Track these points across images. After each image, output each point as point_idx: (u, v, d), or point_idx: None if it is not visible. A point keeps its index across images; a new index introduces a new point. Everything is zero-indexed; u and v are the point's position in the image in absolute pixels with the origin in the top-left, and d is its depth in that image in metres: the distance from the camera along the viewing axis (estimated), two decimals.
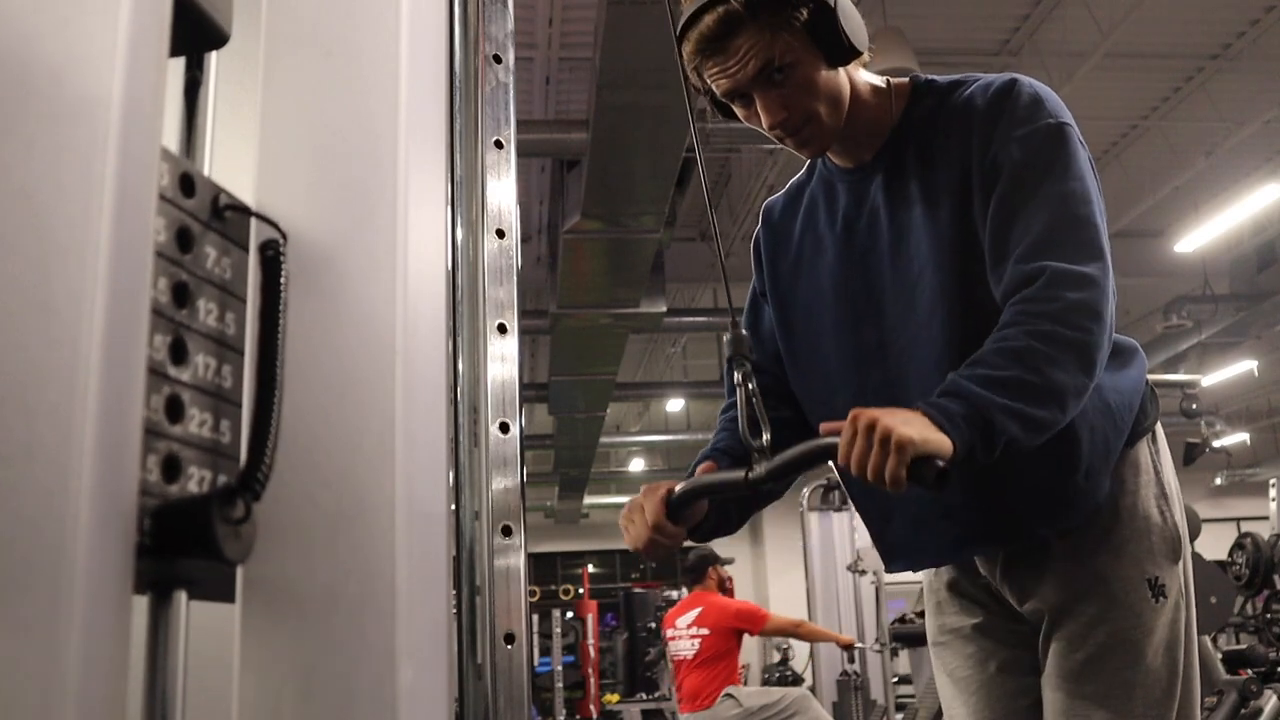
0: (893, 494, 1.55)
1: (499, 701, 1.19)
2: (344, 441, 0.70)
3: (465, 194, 1.33)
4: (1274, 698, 4.55)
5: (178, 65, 0.69)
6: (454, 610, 1.20)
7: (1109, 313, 1.36)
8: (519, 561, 1.24)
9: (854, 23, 1.46)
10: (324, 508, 0.68)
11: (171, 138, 0.67)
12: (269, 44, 0.76)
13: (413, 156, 0.75)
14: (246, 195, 0.73)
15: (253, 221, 0.69)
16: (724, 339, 1.44)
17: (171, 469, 0.59)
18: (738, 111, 1.52)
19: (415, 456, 0.72)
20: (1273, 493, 6.53)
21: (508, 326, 1.30)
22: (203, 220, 0.64)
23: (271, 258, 0.67)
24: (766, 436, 1.38)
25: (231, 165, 0.74)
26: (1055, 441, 1.44)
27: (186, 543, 0.57)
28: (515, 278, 1.32)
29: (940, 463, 1.21)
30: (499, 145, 1.34)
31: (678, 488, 1.44)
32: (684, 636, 6.09)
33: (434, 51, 0.84)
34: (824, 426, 1.32)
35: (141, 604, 0.59)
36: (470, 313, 1.30)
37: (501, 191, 1.33)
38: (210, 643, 0.67)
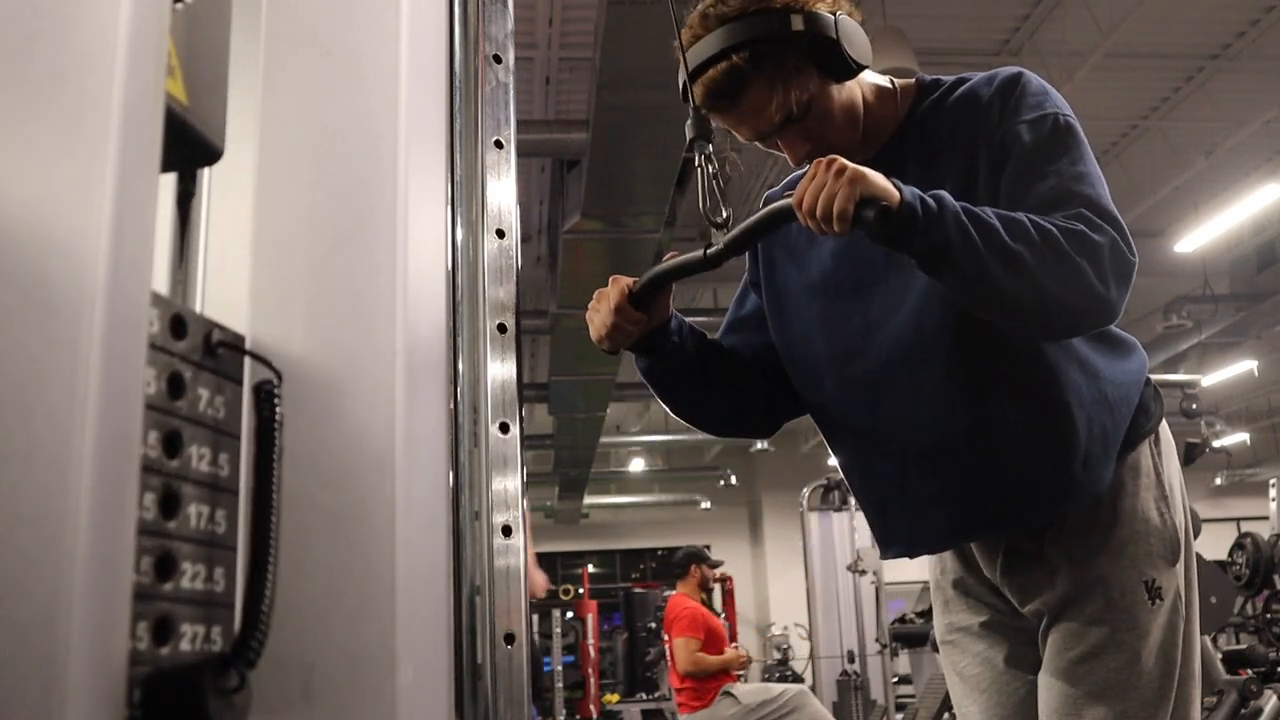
0: (885, 493, 1.56)
1: (499, 701, 1.19)
2: (344, 441, 0.69)
3: (465, 194, 1.32)
4: (1274, 698, 4.55)
5: None
6: (454, 610, 1.20)
7: (1109, 276, 1.33)
8: (519, 561, 1.24)
9: (856, 40, 1.46)
10: (324, 508, 0.68)
11: (162, 233, 0.66)
12: (269, 44, 0.76)
13: (413, 156, 0.75)
14: (246, 201, 0.73)
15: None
16: (686, 125, 1.45)
17: (163, 630, 0.57)
18: (760, 145, 1.54)
19: (415, 456, 0.72)
20: (1273, 493, 6.53)
21: (508, 326, 1.30)
22: (194, 361, 0.62)
23: (265, 399, 0.65)
24: (726, 213, 1.40)
25: (231, 167, 0.73)
26: (1051, 427, 1.44)
27: (177, 716, 0.55)
28: (515, 278, 1.32)
29: (884, 203, 1.25)
30: (499, 145, 1.34)
31: (639, 282, 1.49)
32: (666, 642, 6.11)
33: (434, 51, 0.84)
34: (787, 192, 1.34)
35: None
36: (470, 313, 1.30)
37: (501, 191, 1.33)
38: None
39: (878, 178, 1.26)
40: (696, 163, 1.43)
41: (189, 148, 0.65)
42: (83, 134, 0.51)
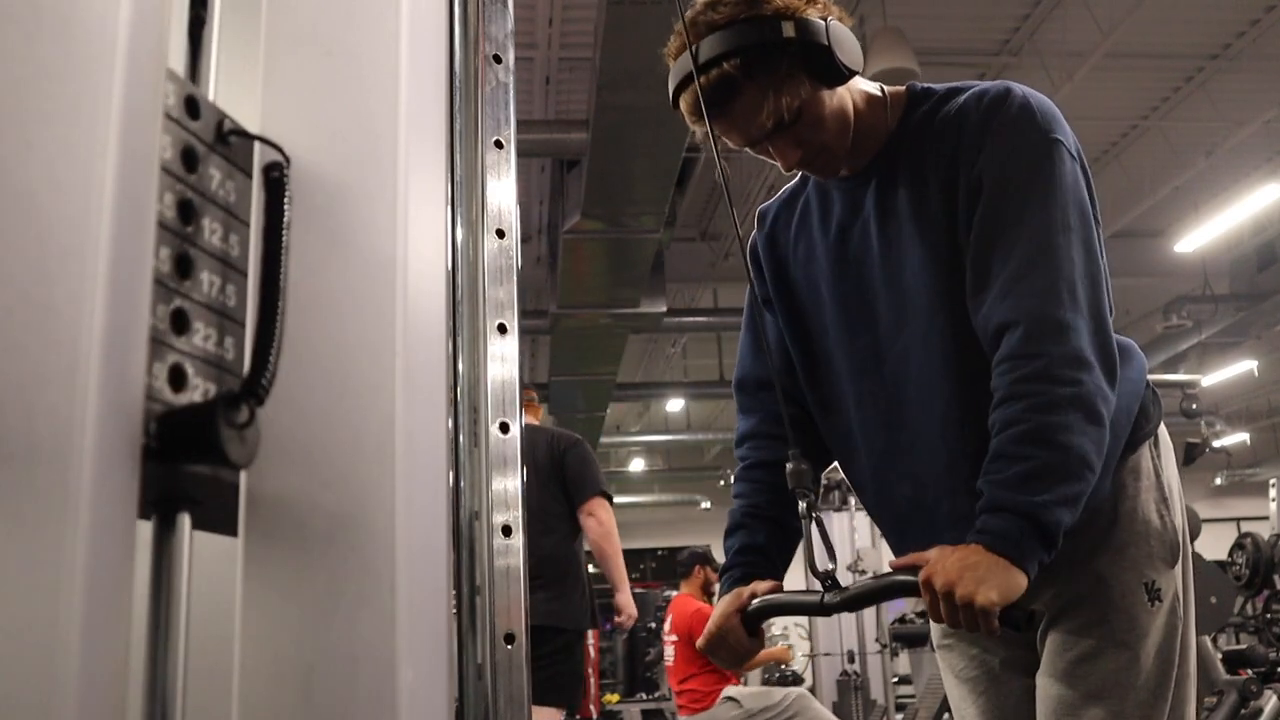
0: (902, 513, 1.57)
1: (499, 701, 1.19)
2: (344, 441, 0.70)
3: (465, 194, 1.32)
4: (1274, 698, 4.55)
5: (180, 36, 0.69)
6: (454, 610, 1.20)
7: (1090, 352, 1.35)
8: (519, 561, 1.24)
9: (847, 45, 1.45)
10: (324, 508, 0.68)
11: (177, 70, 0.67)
12: (269, 44, 0.76)
13: (413, 156, 0.75)
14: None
15: (256, 150, 0.70)
16: (787, 470, 1.46)
17: (177, 379, 0.60)
18: (750, 151, 1.53)
19: (415, 456, 0.72)
20: (1273, 493, 6.53)
21: (508, 326, 1.30)
22: (207, 142, 0.65)
23: (276, 179, 0.67)
24: (832, 566, 1.44)
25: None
26: None
27: (192, 446, 0.57)
28: (515, 278, 1.32)
29: (1030, 610, 1.27)
30: (499, 145, 1.34)
31: (753, 606, 1.50)
32: (668, 643, 6.11)
33: (434, 51, 0.84)
34: (894, 562, 1.40)
35: (144, 542, 0.59)
36: (470, 313, 1.29)
37: (501, 191, 1.33)
38: (211, 645, 0.67)
39: (999, 583, 1.27)
40: (801, 512, 1.46)
41: None
42: None
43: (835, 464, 1.70)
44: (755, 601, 1.49)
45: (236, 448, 0.59)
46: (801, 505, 1.45)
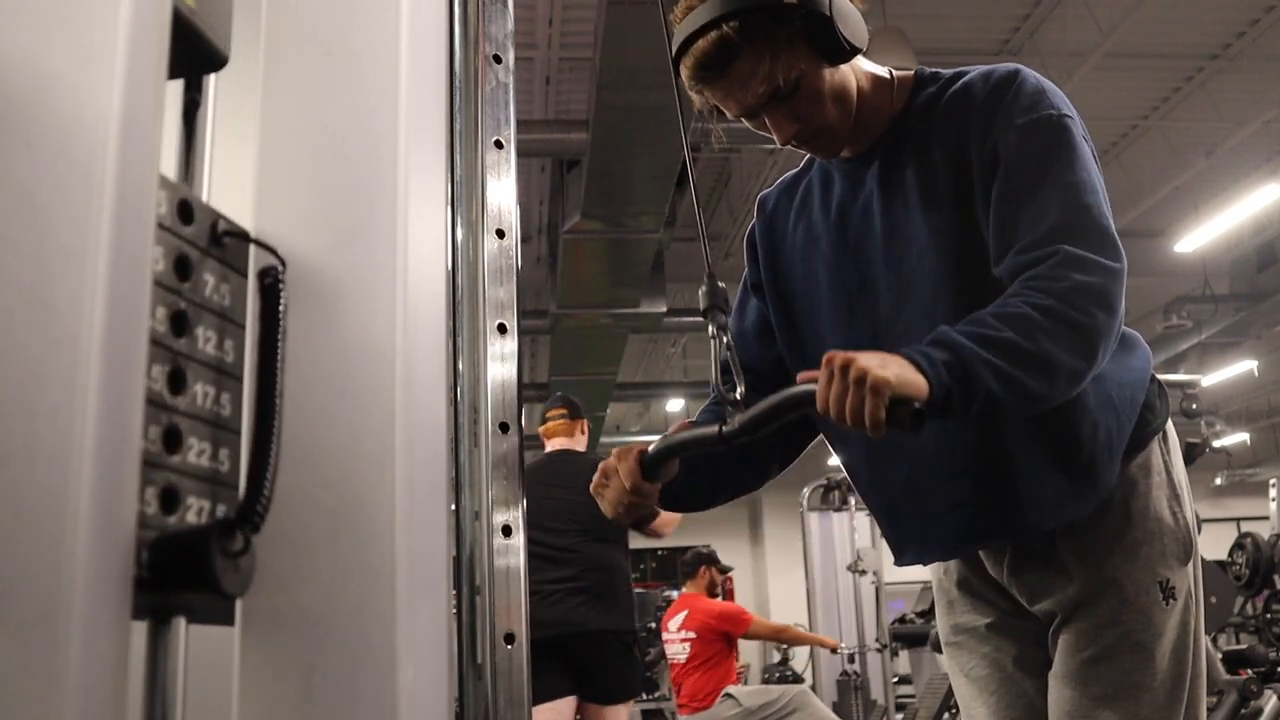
0: (895, 497, 1.55)
1: (499, 701, 1.19)
2: (344, 441, 0.70)
3: (465, 194, 1.32)
4: (1274, 698, 4.55)
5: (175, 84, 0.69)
6: (454, 610, 1.20)
7: (1118, 304, 1.33)
8: (519, 561, 1.24)
9: (851, 20, 1.44)
10: (324, 508, 0.68)
11: (169, 157, 0.66)
12: (269, 43, 0.76)
13: (413, 156, 0.75)
14: (247, 196, 0.73)
15: (251, 247, 0.69)
16: (700, 291, 1.43)
17: (170, 500, 0.58)
18: (748, 124, 1.51)
19: (415, 456, 0.72)
20: (1273, 493, 6.53)
21: (508, 326, 1.30)
22: (201, 247, 0.63)
23: (270, 285, 0.66)
24: (741, 389, 1.37)
25: (232, 168, 0.74)
26: (1057, 436, 1.43)
27: (185, 576, 0.56)
28: (515, 278, 1.32)
29: (917, 404, 1.19)
30: (499, 145, 1.34)
31: (652, 447, 1.44)
32: (675, 640, 6.10)
33: (434, 51, 0.84)
34: (801, 375, 1.29)
35: (140, 625, 0.58)
36: (470, 313, 1.29)
37: (501, 191, 1.33)
38: (210, 643, 0.67)
39: (901, 372, 1.20)
40: (710, 332, 1.40)
41: (195, 52, 0.65)
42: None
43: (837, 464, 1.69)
44: (653, 447, 1.43)
45: (231, 577, 0.58)
46: (711, 327, 1.41)
